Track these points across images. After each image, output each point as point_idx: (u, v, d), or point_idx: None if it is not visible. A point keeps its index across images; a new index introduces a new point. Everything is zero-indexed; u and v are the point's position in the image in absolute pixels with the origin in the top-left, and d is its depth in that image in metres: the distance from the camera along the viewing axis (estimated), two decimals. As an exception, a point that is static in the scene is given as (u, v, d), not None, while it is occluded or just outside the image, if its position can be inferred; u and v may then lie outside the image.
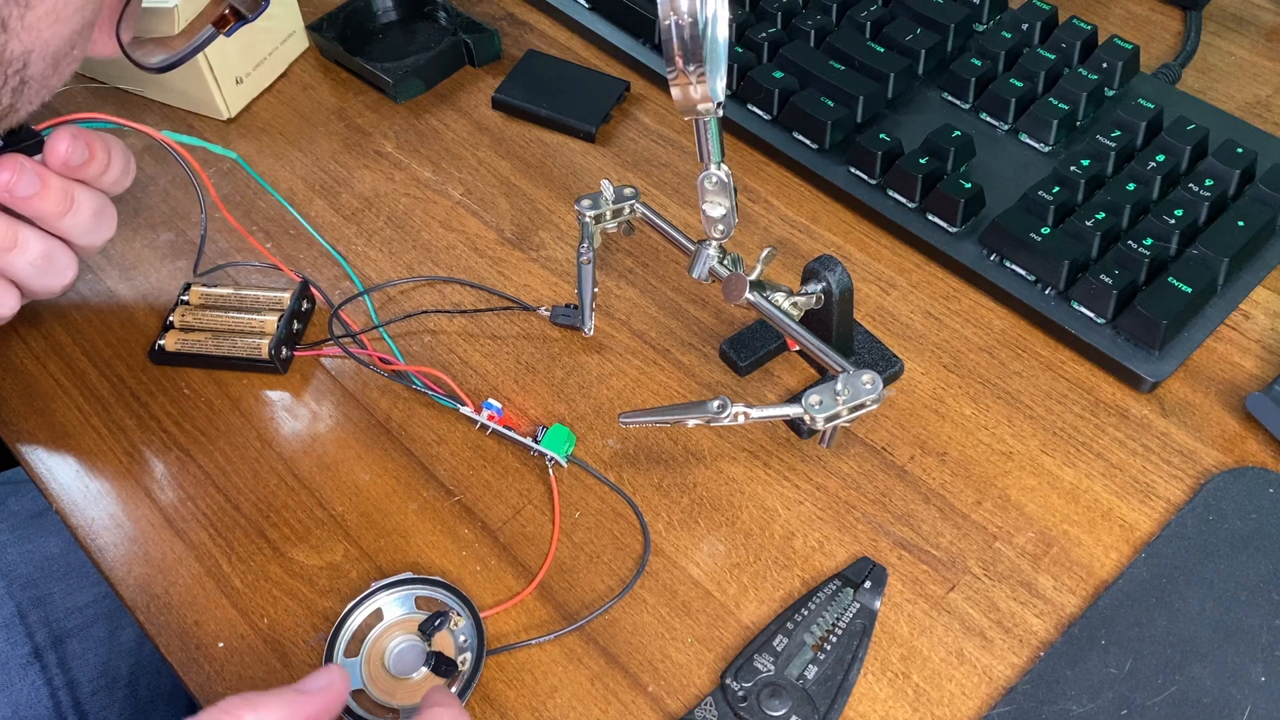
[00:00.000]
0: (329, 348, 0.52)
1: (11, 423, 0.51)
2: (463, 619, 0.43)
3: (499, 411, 0.49)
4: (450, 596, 0.44)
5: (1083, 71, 0.58)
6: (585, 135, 0.61)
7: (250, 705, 0.34)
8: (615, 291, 0.55)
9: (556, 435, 0.48)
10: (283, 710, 0.34)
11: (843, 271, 0.46)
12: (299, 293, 0.53)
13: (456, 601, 0.44)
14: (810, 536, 0.46)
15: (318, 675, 0.36)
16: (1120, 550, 0.45)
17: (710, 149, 0.43)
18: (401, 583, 0.44)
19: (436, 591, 0.44)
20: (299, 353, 0.52)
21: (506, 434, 0.49)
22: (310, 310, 0.54)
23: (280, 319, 0.52)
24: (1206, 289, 0.50)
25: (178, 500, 0.48)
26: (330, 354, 0.52)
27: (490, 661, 0.43)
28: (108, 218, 0.49)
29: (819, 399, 0.43)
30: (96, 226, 0.48)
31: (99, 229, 0.49)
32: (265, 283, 0.56)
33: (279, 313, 0.52)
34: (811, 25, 0.62)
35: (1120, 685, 0.40)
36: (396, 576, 0.44)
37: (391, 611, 0.44)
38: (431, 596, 0.44)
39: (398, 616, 0.44)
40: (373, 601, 0.44)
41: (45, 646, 0.57)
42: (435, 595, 0.44)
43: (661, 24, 0.38)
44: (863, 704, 0.41)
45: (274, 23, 0.64)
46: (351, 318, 0.53)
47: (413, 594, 0.44)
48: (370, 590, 0.44)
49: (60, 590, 0.58)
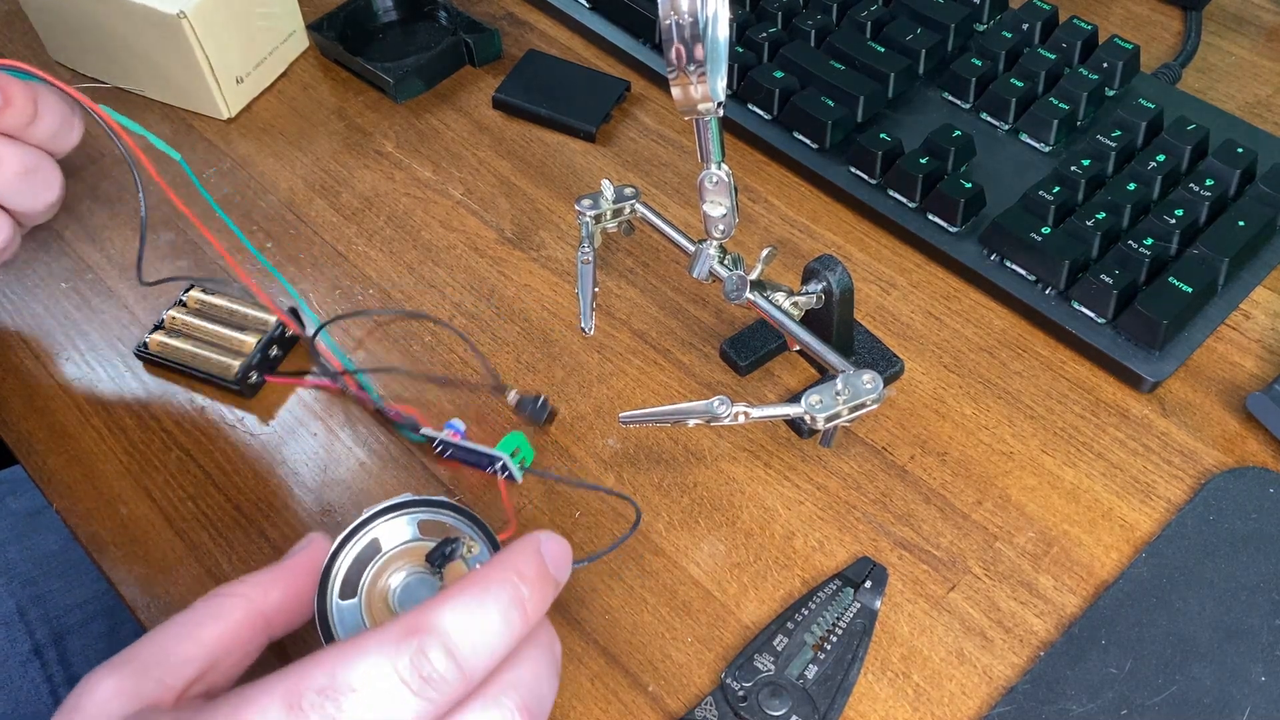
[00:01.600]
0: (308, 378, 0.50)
1: (11, 423, 0.51)
2: (477, 545, 0.37)
3: (460, 430, 0.47)
4: (460, 519, 0.38)
5: (1083, 71, 0.58)
6: (585, 135, 0.61)
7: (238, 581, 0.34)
8: (615, 291, 0.55)
9: (509, 442, 0.46)
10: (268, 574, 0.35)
11: (843, 271, 0.46)
12: (290, 309, 0.51)
13: (468, 525, 0.37)
14: (810, 536, 0.46)
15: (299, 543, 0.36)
16: (1120, 550, 0.45)
17: (710, 149, 0.43)
18: (399, 506, 0.37)
19: (443, 514, 0.38)
20: (272, 379, 0.51)
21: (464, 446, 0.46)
22: (295, 337, 0.52)
23: (259, 341, 0.50)
24: (1207, 289, 0.50)
25: (178, 500, 0.48)
26: (305, 384, 0.51)
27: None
28: (42, 179, 0.45)
29: (819, 399, 0.43)
30: (27, 187, 0.44)
31: (32, 191, 0.44)
32: (270, 290, 0.55)
33: (262, 333, 0.51)
34: (812, 25, 0.62)
35: (1120, 685, 0.40)
36: (393, 499, 0.37)
37: (391, 541, 0.37)
38: (437, 520, 0.38)
39: (399, 546, 0.37)
40: (367, 531, 0.37)
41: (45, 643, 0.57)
42: (442, 518, 0.38)
43: (661, 24, 0.38)
44: (863, 704, 0.41)
45: (274, 22, 0.64)
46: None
47: (415, 518, 0.38)
48: (363, 517, 0.37)
49: (59, 587, 0.59)
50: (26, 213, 0.45)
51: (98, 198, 0.60)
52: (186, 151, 0.62)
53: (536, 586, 0.31)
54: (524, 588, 0.31)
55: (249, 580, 0.35)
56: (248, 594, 0.34)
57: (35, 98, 0.43)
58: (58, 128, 0.44)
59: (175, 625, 0.33)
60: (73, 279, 0.56)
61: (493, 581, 0.30)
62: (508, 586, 0.30)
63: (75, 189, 0.56)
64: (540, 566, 0.32)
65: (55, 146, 0.45)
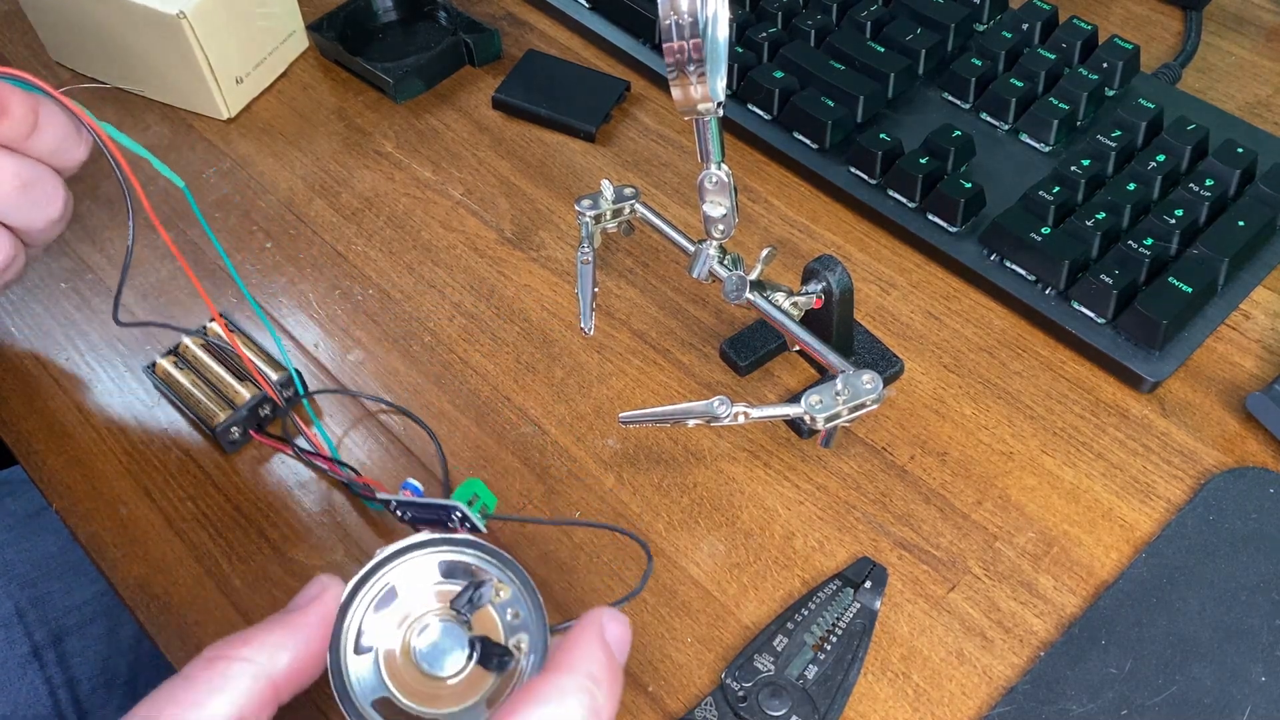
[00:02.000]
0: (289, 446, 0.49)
1: (11, 423, 0.51)
2: (507, 587, 0.32)
3: (418, 491, 0.43)
4: (486, 558, 0.33)
5: (1083, 71, 0.58)
6: (585, 135, 0.61)
7: (240, 642, 0.30)
8: (615, 291, 0.55)
9: (465, 490, 0.42)
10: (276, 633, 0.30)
11: (843, 271, 0.46)
12: (284, 380, 0.49)
13: (495, 564, 0.33)
14: (810, 536, 0.46)
15: (307, 587, 0.31)
16: (1120, 550, 0.45)
17: (710, 149, 0.43)
18: (417, 545, 0.33)
19: (466, 552, 0.33)
20: (258, 437, 0.49)
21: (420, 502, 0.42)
22: (295, 397, 0.50)
23: (251, 398, 0.48)
24: (1207, 289, 0.50)
25: (177, 500, 0.48)
26: (285, 451, 0.49)
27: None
28: (42, 193, 0.42)
29: (819, 399, 0.43)
30: (26, 201, 0.42)
31: (30, 205, 0.42)
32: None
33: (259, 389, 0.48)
34: (812, 25, 0.62)
35: (1120, 685, 0.40)
36: (411, 539, 0.33)
37: (409, 585, 0.33)
38: (460, 559, 0.33)
39: (419, 591, 0.33)
40: (383, 575, 0.32)
41: (44, 645, 0.57)
42: (465, 557, 0.33)
43: (661, 24, 0.38)
44: (863, 704, 0.41)
45: (274, 23, 0.64)
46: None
47: (435, 557, 0.33)
48: (377, 559, 0.32)
49: (58, 588, 0.58)
50: (27, 229, 0.43)
51: (98, 198, 0.60)
52: (186, 151, 0.62)
53: (609, 687, 0.28)
54: (599, 693, 0.28)
55: (253, 641, 0.30)
56: (254, 658, 0.30)
57: (37, 109, 0.41)
58: (60, 141, 0.42)
59: (170, 701, 0.29)
60: (73, 279, 0.56)
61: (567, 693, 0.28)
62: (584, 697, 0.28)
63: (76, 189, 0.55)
64: (610, 662, 0.29)
65: (59, 161, 0.43)
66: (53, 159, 0.43)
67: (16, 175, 0.42)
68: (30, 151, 0.42)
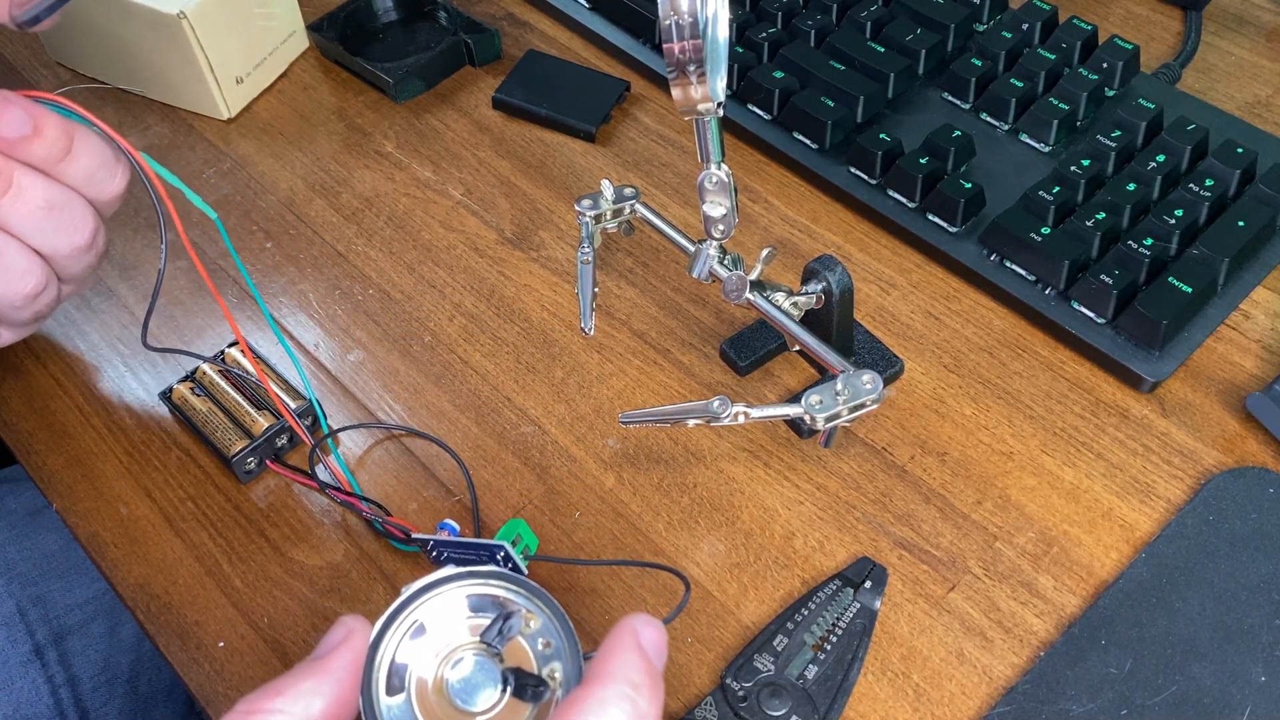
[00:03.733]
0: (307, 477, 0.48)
1: (11, 423, 0.51)
2: (536, 617, 0.32)
3: (454, 531, 0.44)
4: (513, 589, 0.33)
5: (1083, 71, 0.58)
6: (585, 135, 0.61)
7: (273, 693, 0.29)
8: (615, 291, 0.55)
9: (509, 530, 0.43)
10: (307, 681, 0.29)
11: (843, 271, 0.46)
12: (302, 409, 0.48)
13: (522, 594, 0.33)
14: (810, 536, 0.46)
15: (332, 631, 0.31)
16: (1120, 550, 0.45)
17: (710, 149, 0.43)
18: (443, 581, 0.33)
19: (492, 584, 0.33)
20: (275, 468, 0.48)
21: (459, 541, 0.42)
22: (312, 426, 0.49)
23: (268, 427, 0.47)
24: (1207, 289, 0.50)
25: (178, 500, 0.48)
26: (303, 482, 0.48)
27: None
28: (70, 220, 0.42)
29: (819, 399, 0.43)
30: (51, 225, 0.42)
31: (57, 229, 0.42)
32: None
33: (278, 418, 0.48)
34: (812, 25, 0.62)
35: (1120, 685, 0.40)
36: (435, 575, 0.33)
37: (438, 621, 0.33)
38: (488, 591, 0.33)
39: (448, 627, 0.33)
40: (410, 613, 0.32)
41: (45, 644, 0.57)
42: (492, 589, 0.33)
43: (661, 24, 0.38)
44: (863, 704, 0.41)
45: (274, 23, 0.64)
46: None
47: (462, 590, 0.33)
48: (404, 597, 0.32)
49: (59, 587, 0.58)
50: (53, 254, 0.43)
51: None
52: (186, 151, 0.62)
53: (650, 692, 0.28)
54: (641, 699, 0.28)
55: (286, 692, 0.29)
56: (288, 710, 0.29)
57: (72, 134, 0.41)
58: (96, 170, 0.42)
59: None
60: (73, 279, 0.56)
61: (608, 702, 0.28)
62: (625, 704, 0.28)
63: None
64: (649, 668, 0.29)
65: (93, 191, 0.43)
66: (87, 187, 0.43)
67: (45, 197, 0.41)
68: (63, 177, 0.42)
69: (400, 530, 0.45)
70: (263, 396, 0.49)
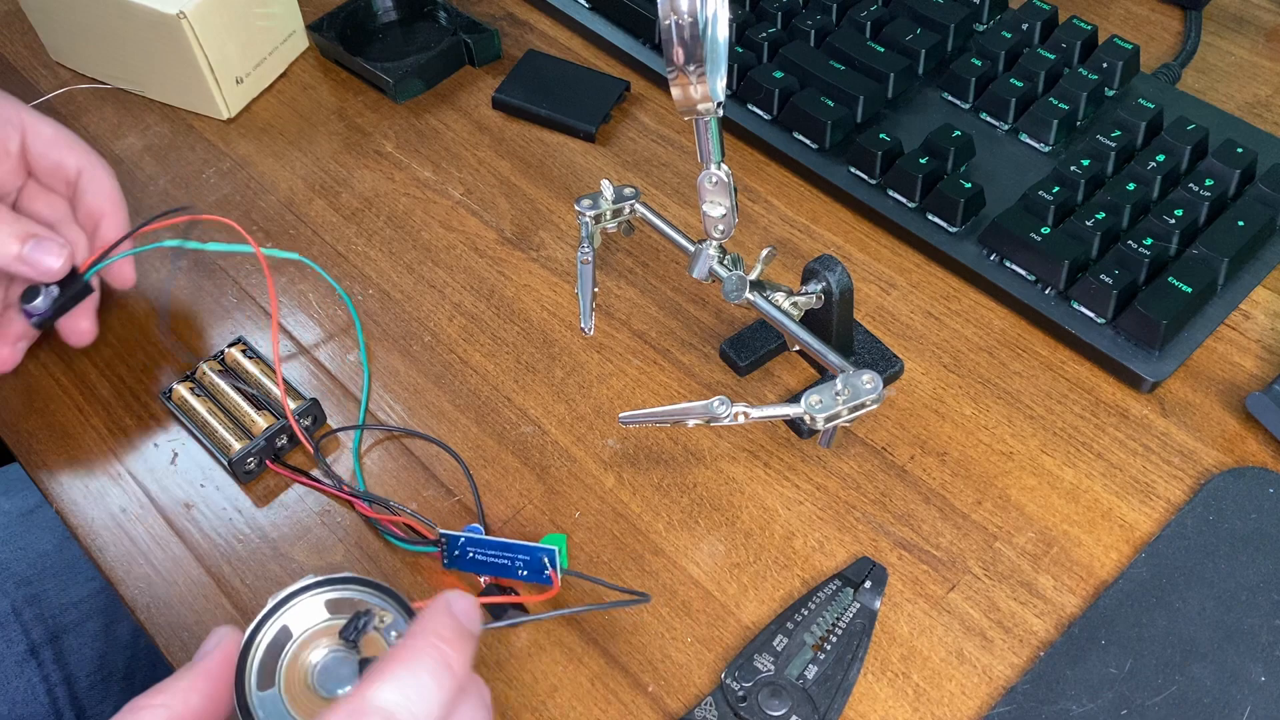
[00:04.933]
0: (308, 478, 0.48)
1: (11, 423, 0.51)
2: (389, 614, 0.37)
3: (480, 532, 0.45)
4: (368, 592, 0.37)
5: (1083, 71, 0.58)
6: (585, 135, 0.61)
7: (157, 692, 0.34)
8: (615, 291, 0.55)
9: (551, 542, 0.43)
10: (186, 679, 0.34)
11: (843, 271, 0.46)
12: (303, 409, 0.48)
13: (377, 596, 0.37)
14: (810, 536, 0.46)
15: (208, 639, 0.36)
16: (1120, 550, 0.45)
17: (710, 149, 0.43)
18: (304, 589, 0.37)
19: (349, 590, 0.37)
20: (275, 468, 0.48)
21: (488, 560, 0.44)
22: (315, 426, 0.50)
23: (269, 428, 0.48)
24: (1206, 289, 0.50)
25: (178, 500, 0.48)
26: (304, 483, 0.48)
27: (489, 660, 0.43)
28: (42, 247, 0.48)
29: (819, 399, 0.43)
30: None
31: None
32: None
33: (279, 418, 0.48)
34: (811, 25, 0.62)
35: (1120, 685, 0.40)
36: (293, 586, 0.37)
37: (301, 624, 0.37)
38: (345, 596, 0.37)
39: (310, 628, 0.36)
40: (276, 619, 0.36)
41: (41, 643, 0.57)
42: (349, 594, 0.37)
43: (661, 24, 0.38)
44: (863, 704, 0.41)
45: (274, 23, 0.64)
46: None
47: (322, 597, 0.37)
48: (269, 606, 0.36)
49: (54, 586, 0.59)
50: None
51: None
52: (186, 151, 0.62)
53: (458, 645, 0.33)
54: (447, 649, 0.32)
55: (165, 690, 0.34)
56: (169, 704, 0.34)
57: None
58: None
59: None
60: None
61: (419, 650, 0.32)
62: (433, 651, 0.32)
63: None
64: (457, 625, 0.33)
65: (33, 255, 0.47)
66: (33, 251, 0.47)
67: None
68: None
69: (414, 534, 0.45)
70: (264, 393, 0.49)
